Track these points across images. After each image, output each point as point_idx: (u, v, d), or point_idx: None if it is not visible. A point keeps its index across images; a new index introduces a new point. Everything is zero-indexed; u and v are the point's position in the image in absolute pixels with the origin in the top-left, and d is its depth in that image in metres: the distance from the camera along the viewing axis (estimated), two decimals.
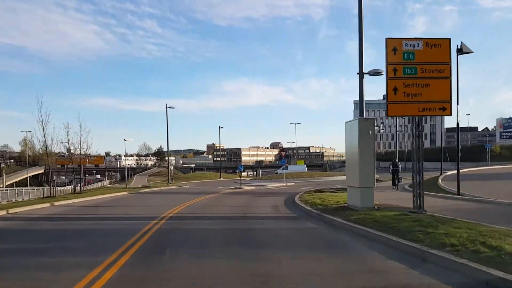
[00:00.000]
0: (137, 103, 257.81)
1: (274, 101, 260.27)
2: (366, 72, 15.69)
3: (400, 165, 24.47)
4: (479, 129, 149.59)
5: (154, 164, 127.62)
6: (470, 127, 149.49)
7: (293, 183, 34.75)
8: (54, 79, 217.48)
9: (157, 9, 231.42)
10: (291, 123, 68.40)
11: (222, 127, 59.64)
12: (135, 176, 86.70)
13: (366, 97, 16.62)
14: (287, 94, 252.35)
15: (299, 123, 73.47)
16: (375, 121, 14.04)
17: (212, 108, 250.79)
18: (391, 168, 24.63)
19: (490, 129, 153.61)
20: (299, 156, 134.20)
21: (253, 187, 30.41)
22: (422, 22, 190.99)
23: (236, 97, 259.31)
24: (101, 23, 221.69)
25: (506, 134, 52.45)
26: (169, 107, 42.88)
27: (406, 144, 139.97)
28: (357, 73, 14.98)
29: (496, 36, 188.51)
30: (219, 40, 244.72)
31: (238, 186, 30.38)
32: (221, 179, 56.12)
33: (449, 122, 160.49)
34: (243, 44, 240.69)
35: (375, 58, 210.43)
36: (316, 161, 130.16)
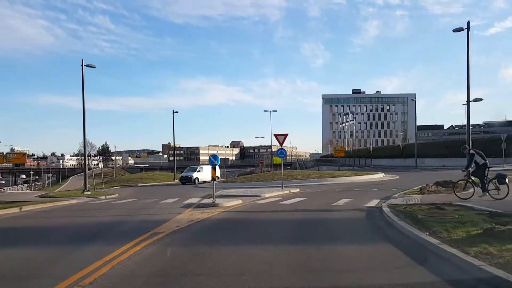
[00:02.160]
0: (90, 101, 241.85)
1: (233, 100, 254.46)
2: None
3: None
4: (445, 127, 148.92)
5: (97, 164, 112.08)
6: (436, 125, 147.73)
7: (297, 189, 21.36)
8: None
9: (110, 5, 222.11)
10: (264, 111, 56.51)
11: (176, 112, 46.64)
12: (71, 178, 74.18)
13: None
14: (245, 93, 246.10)
15: (275, 111, 61.61)
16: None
17: (170, 107, 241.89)
18: (480, 161, 12.79)
19: (455, 127, 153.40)
20: (262, 156, 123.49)
21: (240, 203, 15.12)
22: (375, 26, 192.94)
23: (194, 96, 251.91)
24: (51, 18, 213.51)
25: None
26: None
27: (371, 140, 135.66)
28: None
29: (444, 40, 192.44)
30: (175, 38, 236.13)
31: (207, 201, 15.05)
32: (176, 181, 42.84)
33: (420, 121, 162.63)
34: (201, 43, 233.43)
35: (330, 60, 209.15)
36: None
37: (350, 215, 11.31)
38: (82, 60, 26.95)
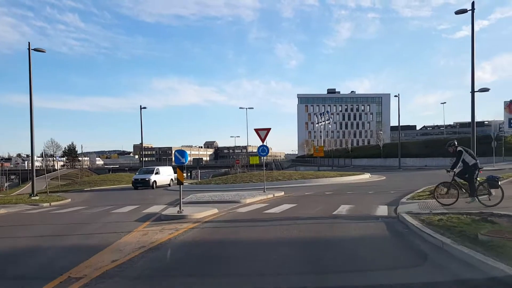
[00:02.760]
0: (60, 100, 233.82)
1: (206, 101, 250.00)
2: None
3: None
4: (417, 128, 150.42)
5: (64, 164, 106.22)
6: (409, 126, 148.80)
7: (282, 193, 18.18)
8: None
9: (79, 3, 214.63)
10: (240, 108, 53.32)
11: (144, 108, 42.81)
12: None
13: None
14: (219, 94, 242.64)
15: (252, 108, 58.52)
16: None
17: (142, 106, 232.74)
18: (470, 161, 10.78)
19: (427, 127, 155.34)
20: (237, 156, 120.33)
21: (216, 212, 11.56)
22: (347, 28, 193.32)
23: (166, 96, 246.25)
24: (17, 15, 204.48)
25: None
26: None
27: (347, 140, 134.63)
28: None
29: (414, 43, 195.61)
30: (147, 37, 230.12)
31: (173, 210, 11.52)
32: None
33: (393, 121, 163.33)
34: (173, 42, 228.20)
35: (304, 61, 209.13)
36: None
37: (366, 229, 8.29)
38: (29, 43, 23.02)
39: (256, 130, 18.29)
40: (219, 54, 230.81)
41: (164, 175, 31.61)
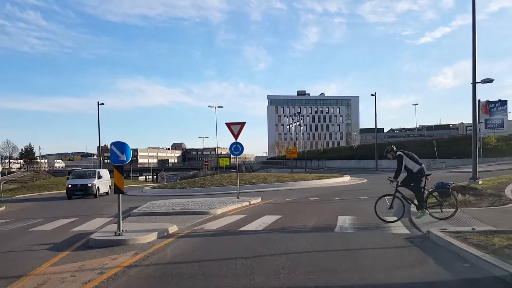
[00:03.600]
0: (20, 100, 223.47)
1: (174, 102, 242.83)
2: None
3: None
4: (385, 130, 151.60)
5: (20, 167, 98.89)
6: (377, 128, 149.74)
7: (259, 199, 14.99)
8: None
9: (41, 1, 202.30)
10: (209, 106, 50.06)
11: (102, 104, 38.74)
12: None
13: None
14: (187, 95, 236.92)
15: (221, 106, 55.39)
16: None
17: (107, 107, 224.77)
18: (414, 166, 8.98)
19: (394, 130, 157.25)
20: (206, 158, 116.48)
21: (174, 232, 8.15)
22: (315, 32, 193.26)
23: (133, 97, 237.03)
24: None
25: (494, 122, 41.06)
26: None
27: (317, 142, 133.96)
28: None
29: (378, 48, 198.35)
30: (112, 37, 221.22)
31: (110, 232, 7.38)
32: None
33: (363, 123, 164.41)
34: (139, 42, 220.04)
35: (272, 64, 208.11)
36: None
37: (406, 263, 5.27)
38: None
39: (228, 125, 15.21)
40: (187, 55, 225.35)
41: (106, 178, 24.82)
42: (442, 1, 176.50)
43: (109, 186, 24.78)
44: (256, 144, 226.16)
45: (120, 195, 6.93)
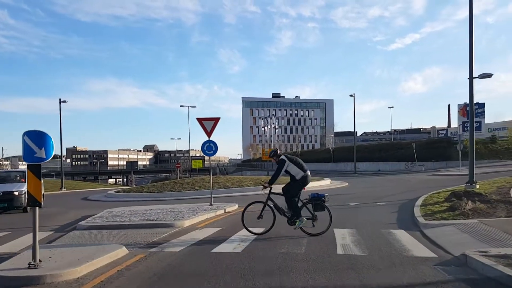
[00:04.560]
0: None
1: (146, 103, 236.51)
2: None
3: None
4: (358, 134, 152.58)
5: None
6: (350, 132, 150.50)
7: (235, 206, 12.82)
8: None
9: None
10: (181, 106, 47.65)
11: (64, 101, 35.57)
12: None
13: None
14: (160, 97, 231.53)
15: (194, 106, 53.00)
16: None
17: (77, 108, 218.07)
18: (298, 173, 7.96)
19: (367, 133, 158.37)
20: (178, 160, 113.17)
21: (121, 258, 5.74)
22: (289, 36, 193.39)
23: (104, 98, 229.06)
24: None
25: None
26: None
27: (292, 145, 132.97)
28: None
29: (351, 53, 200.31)
30: (83, 37, 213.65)
31: (24, 262, 4.97)
32: (63, 191, 32.82)
33: (336, 127, 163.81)
34: (111, 43, 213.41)
35: (246, 67, 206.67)
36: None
37: None
38: None
39: (200, 120, 13.10)
40: (160, 57, 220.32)
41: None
42: (412, 8, 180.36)
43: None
44: (230, 146, 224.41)
45: (37, 208, 4.74)
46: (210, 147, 13.09)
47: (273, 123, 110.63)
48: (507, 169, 27.84)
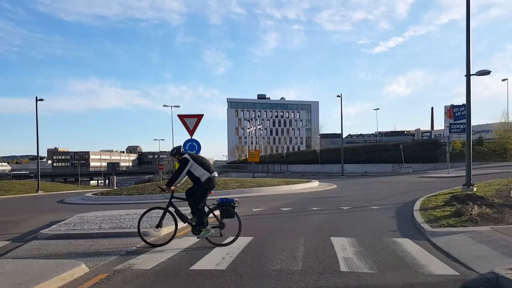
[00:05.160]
0: None
1: (130, 105, 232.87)
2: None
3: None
4: (344, 136, 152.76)
5: None
6: (335, 134, 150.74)
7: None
8: None
9: None
10: (164, 106, 46.34)
11: (41, 100, 33.91)
12: None
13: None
14: (143, 98, 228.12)
15: (178, 106, 51.65)
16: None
17: (59, 109, 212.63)
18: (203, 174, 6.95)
19: (352, 136, 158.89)
20: (162, 161, 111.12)
21: (69, 282, 4.52)
22: (274, 38, 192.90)
23: (87, 99, 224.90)
24: None
25: (458, 127, 40.21)
26: None
27: (277, 146, 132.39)
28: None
29: (336, 56, 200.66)
30: (65, 36, 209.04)
31: None
32: (40, 193, 30.82)
33: (327, 129, 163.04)
34: (94, 43, 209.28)
35: (232, 68, 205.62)
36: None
37: None
38: None
39: (182, 117, 12.05)
40: (144, 57, 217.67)
41: None
42: (396, 12, 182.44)
43: None
44: (216, 148, 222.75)
45: None
46: (192, 147, 12.01)
47: (258, 125, 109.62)
48: (496, 171, 27.49)
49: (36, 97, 34.60)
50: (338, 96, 39.62)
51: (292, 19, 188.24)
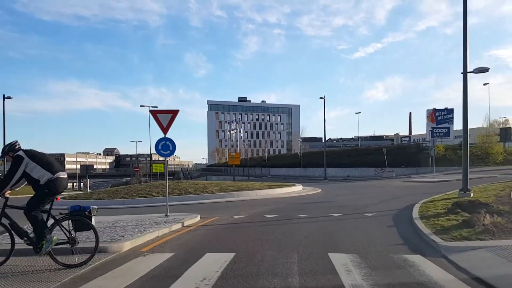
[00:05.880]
0: None
1: (109, 106, 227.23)
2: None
3: None
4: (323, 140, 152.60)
5: None
6: (316, 138, 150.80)
7: (197, 218, 10.36)
8: None
9: None
10: (141, 106, 44.57)
11: (8, 97, 31.66)
12: None
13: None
14: (123, 99, 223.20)
15: (155, 106, 49.70)
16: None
17: (35, 110, 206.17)
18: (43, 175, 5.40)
19: (332, 140, 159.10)
20: (139, 164, 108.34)
21: None
22: (255, 42, 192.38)
23: (65, 100, 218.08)
24: None
25: (440, 131, 39.72)
26: None
27: (258, 150, 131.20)
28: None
29: (317, 60, 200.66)
30: (43, 36, 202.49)
31: None
32: None
33: (308, 133, 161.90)
34: (73, 43, 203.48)
35: (213, 71, 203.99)
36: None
37: None
38: None
39: (154, 113, 10.61)
40: (124, 59, 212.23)
41: None
42: (375, 18, 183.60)
43: None
44: (196, 151, 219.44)
45: None
46: (166, 146, 10.58)
47: (239, 127, 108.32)
48: (481, 175, 26.95)
49: (4, 95, 32.53)
50: (321, 98, 38.76)
51: (273, 23, 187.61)
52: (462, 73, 13.28)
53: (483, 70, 13.54)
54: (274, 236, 7.98)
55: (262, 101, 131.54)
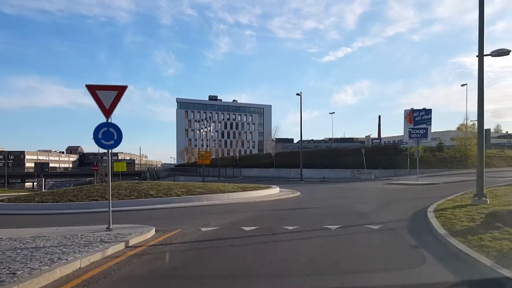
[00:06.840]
0: None
1: (73, 104, 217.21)
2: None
3: None
4: (294, 141, 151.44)
5: None
6: (288, 139, 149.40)
7: (151, 232, 7.68)
8: None
9: None
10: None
11: None
12: None
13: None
14: (88, 97, 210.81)
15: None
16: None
17: None
18: None
19: (304, 141, 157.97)
20: (103, 163, 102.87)
21: None
22: (226, 42, 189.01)
23: (27, 96, 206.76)
24: None
25: (418, 132, 38.09)
26: None
27: (228, 150, 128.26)
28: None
29: (287, 63, 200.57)
30: (5, 30, 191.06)
31: None
32: None
33: (279, 134, 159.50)
34: (37, 38, 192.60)
35: (182, 70, 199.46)
36: (129, 169, 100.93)
37: None
38: None
39: (92, 89, 7.62)
40: (90, 55, 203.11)
41: None
42: (345, 23, 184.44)
43: None
44: (165, 151, 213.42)
45: None
46: (109, 135, 7.66)
47: (209, 126, 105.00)
48: (465, 178, 25.38)
49: None
50: (298, 94, 36.45)
51: (245, 24, 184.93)
52: (477, 56, 11.17)
53: (502, 52, 11.37)
54: (258, 266, 5.33)
55: (233, 100, 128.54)
